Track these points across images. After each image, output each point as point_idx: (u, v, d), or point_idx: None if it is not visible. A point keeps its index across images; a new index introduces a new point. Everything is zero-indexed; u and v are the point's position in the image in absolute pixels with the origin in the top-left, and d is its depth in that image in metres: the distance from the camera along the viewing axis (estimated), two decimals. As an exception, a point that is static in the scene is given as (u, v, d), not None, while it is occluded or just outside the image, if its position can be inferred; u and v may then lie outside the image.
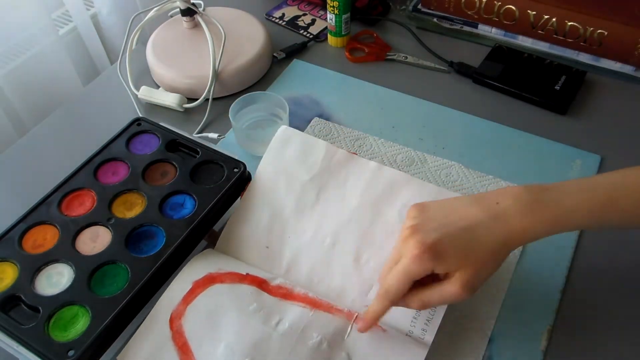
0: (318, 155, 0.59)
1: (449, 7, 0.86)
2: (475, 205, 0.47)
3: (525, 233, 0.46)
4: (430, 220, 0.46)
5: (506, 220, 0.45)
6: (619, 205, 0.47)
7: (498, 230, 0.45)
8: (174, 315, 0.50)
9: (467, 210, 0.47)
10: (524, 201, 0.46)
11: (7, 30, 0.88)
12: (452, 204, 0.48)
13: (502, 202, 0.46)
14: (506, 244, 0.46)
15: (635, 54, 0.75)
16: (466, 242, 0.45)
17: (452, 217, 0.46)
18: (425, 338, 0.49)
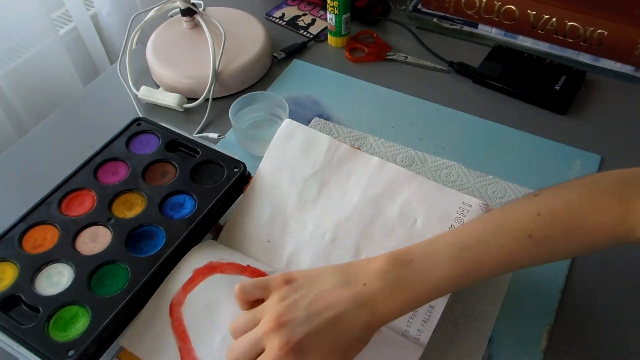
0: (321, 149, 0.59)
1: (449, 7, 0.86)
2: (343, 288, 0.45)
3: (389, 315, 0.45)
4: (297, 306, 0.44)
5: (372, 306, 0.44)
6: (483, 267, 0.46)
7: (364, 316, 0.44)
8: (174, 303, 0.51)
9: (336, 294, 0.45)
10: (389, 281, 0.45)
11: (7, 30, 0.88)
12: (322, 282, 0.46)
13: (369, 284, 0.45)
14: (369, 329, 0.45)
15: (635, 54, 0.75)
16: (332, 336, 0.43)
17: (320, 304, 0.44)
18: (421, 339, 0.49)
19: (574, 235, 0.46)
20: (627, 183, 0.47)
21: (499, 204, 0.64)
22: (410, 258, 0.46)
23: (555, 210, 0.47)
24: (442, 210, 0.55)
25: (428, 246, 0.47)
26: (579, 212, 0.46)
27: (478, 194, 0.65)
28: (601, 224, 0.46)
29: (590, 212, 0.46)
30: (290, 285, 0.46)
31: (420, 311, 0.51)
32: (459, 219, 0.54)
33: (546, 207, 0.47)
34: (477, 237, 0.47)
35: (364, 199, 0.57)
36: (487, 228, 0.47)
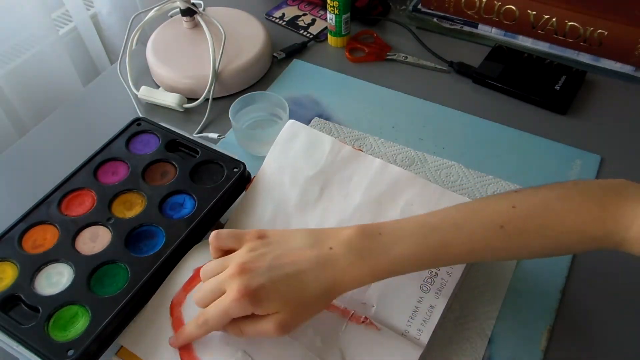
0: (324, 150, 0.60)
1: (449, 7, 0.86)
2: (310, 248, 0.47)
3: (350, 282, 0.46)
4: (262, 259, 0.46)
5: (334, 269, 0.46)
6: (450, 250, 0.47)
7: (324, 278, 0.45)
8: (175, 302, 0.51)
9: (301, 253, 0.47)
10: (354, 249, 0.46)
11: (7, 30, 0.88)
12: (292, 241, 0.48)
13: (335, 248, 0.46)
14: (329, 291, 0.46)
15: (635, 54, 0.75)
16: (289, 289, 0.45)
17: (283, 259, 0.46)
18: (421, 338, 0.50)
19: (548, 232, 0.46)
20: (609, 190, 0.47)
21: (499, 204, 0.64)
22: (379, 231, 0.47)
23: (531, 205, 0.47)
24: (442, 211, 0.55)
25: (398, 223, 0.48)
26: (556, 210, 0.46)
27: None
28: (578, 224, 0.46)
29: (568, 211, 0.46)
30: (262, 240, 0.48)
31: (420, 311, 0.51)
32: (459, 219, 0.54)
33: (523, 202, 0.47)
34: (449, 221, 0.47)
35: (366, 200, 0.57)
36: (461, 214, 0.48)
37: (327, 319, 0.50)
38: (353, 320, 0.50)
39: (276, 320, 0.45)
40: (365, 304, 0.52)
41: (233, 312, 0.45)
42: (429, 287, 0.52)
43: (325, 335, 0.49)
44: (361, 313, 0.51)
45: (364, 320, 0.50)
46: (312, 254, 0.46)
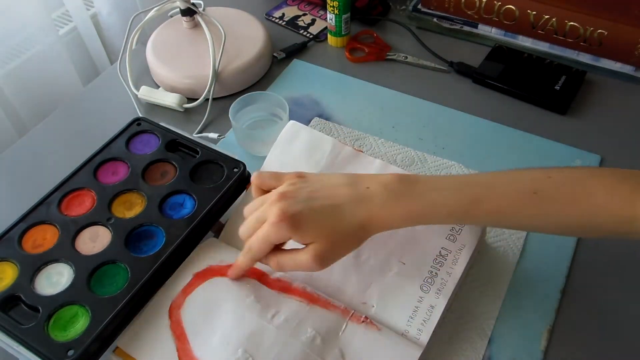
0: (324, 151, 0.60)
1: (449, 7, 0.86)
2: (348, 186, 0.49)
3: (384, 221, 0.48)
4: (301, 190, 0.49)
5: (369, 206, 0.48)
6: (481, 206, 0.48)
7: (359, 214, 0.47)
8: (173, 305, 0.51)
9: (339, 189, 0.49)
10: (391, 191, 0.48)
11: (7, 30, 0.88)
12: (329, 180, 0.50)
13: (372, 188, 0.49)
14: (364, 228, 0.48)
15: (635, 54, 0.75)
16: (326, 219, 0.47)
17: (322, 192, 0.49)
18: (420, 338, 0.50)
19: (578, 205, 0.47)
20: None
21: (499, 204, 0.64)
22: (416, 179, 0.49)
23: (566, 177, 0.48)
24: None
25: (436, 176, 0.49)
26: (589, 185, 0.47)
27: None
28: (608, 202, 0.46)
29: (601, 189, 0.47)
30: (301, 178, 0.51)
31: (420, 311, 0.51)
32: (459, 219, 0.54)
33: (558, 173, 0.49)
34: (484, 181, 0.50)
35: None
36: (496, 177, 0.50)
37: (327, 319, 0.50)
38: (353, 320, 0.50)
39: (313, 251, 0.47)
40: (365, 304, 0.52)
41: (273, 237, 0.47)
42: (429, 287, 0.52)
43: (325, 335, 0.49)
44: (361, 313, 0.51)
45: (364, 320, 0.50)
46: (349, 190, 0.49)
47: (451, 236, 0.54)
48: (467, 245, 0.53)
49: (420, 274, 0.53)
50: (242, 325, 0.49)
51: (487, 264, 0.59)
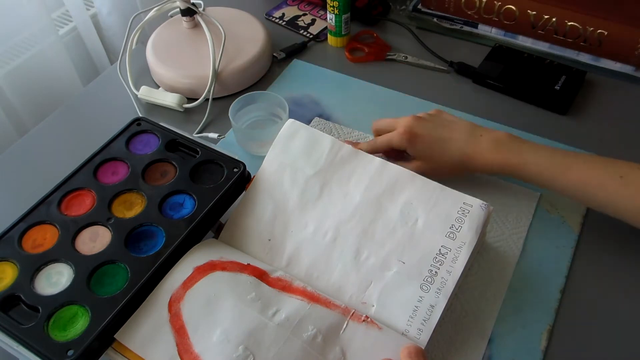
0: (323, 149, 0.60)
1: (449, 7, 0.86)
2: (466, 128, 0.61)
3: (481, 162, 0.59)
4: (431, 119, 0.62)
5: (473, 147, 0.59)
6: (569, 175, 0.56)
7: (464, 151, 0.59)
8: (173, 299, 0.51)
9: (459, 130, 0.61)
10: (496, 141, 0.59)
11: (7, 30, 0.89)
12: (456, 123, 0.62)
13: (484, 136, 0.59)
14: (463, 162, 0.60)
15: (635, 54, 0.75)
16: (437, 146, 0.60)
17: (446, 127, 0.61)
18: (421, 338, 0.50)
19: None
20: None
21: (499, 205, 0.64)
22: (522, 141, 0.59)
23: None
24: (443, 211, 0.55)
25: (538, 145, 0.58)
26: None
27: (479, 194, 0.65)
28: None
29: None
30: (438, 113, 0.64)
31: (420, 310, 0.51)
32: (460, 219, 0.54)
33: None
34: (577, 155, 0.57)
35: (366, 199, 0.57)
36: (590, 156, 0.58)
37: (328, 317, 0.50)
38: (354, 319, 0.50)
39: (417, 165, 0.61)
40: (365, 304, 0.52)
41: (394, 141, 0.62)
42: (429, 287, 0.52)
43: (326, 333, 0.49)
44: (361, 312, 0.51)
45: (365, 319, 0.50)
46: (465, 132, 0.60)
47: (451, 234, 0.54)
48: (467, 242, 0.53)
49: (420, 273, 0.53)
50: (243, 322, 0.49)
51: (487, 264, 0.59)
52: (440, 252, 0.53)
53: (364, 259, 0.54)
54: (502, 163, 0.58)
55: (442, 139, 0.60)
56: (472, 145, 0.59)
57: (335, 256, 0.55)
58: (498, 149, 0.58)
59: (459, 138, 0.60)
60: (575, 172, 0.56)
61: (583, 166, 0.56)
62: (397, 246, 0.54)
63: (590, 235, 0.61)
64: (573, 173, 0.56)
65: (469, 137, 0.60)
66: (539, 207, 0.64)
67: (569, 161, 0.56)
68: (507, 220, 0.63)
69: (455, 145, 0.60)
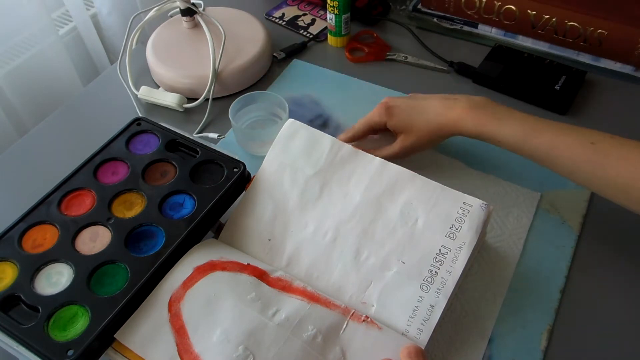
0: (323, 149, 0.60)
1: (449, 7, 0.86)
2: (442, 97, 0.62)
3: (459, 125, 0.59)
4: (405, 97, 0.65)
5: (450, 110, 0.60)
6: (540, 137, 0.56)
7: (441, 114, 0.61)
8: (173, 299, 0.51)
9: (434, 99, 0.62)
10: (472, 103, 0.60)
11: (7, 30, 0.89)
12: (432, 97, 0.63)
13: (459, 99, 0.61)
14: (441, 127, 0.61)
15: (635, 54, 0.75)
16: (415, 114, 0.62)
17: (420, 99, 0.63)
18: (420, 338, 0.50)
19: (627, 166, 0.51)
20: None
21: (499, 205, 0.64)
22: (497, 104, 0.59)
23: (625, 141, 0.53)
24: (443, 210, 0.55)
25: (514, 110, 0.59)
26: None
27: (479, 194, 0.65)
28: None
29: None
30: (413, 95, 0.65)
31: (420, 310, 0.51)
32: (460, 219, 0.54)
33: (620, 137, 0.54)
34: (550, 122, 0.57)
35: (366, 199, 0.57)
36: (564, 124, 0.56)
37: (328, 317, 0.50)
38: (354, 319, 0.50)
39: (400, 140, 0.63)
40: (365, 304, 0.52)
41: (373, 117, 0.64)
42: (429, 287, 0.52)
43: (326, 333, 0.49)
44: (361, 312, 0.51)
45: (365, 319, 0.50)
46: (442, 99, 0.62)
47: (451, 234, 0.54)
48: (467, 242, 0.53)
49: (420, 273, 0.53)
50: (243, 322, 0.49)
51: (487, 264, 0.59)
52: (440, 252, 0.53)
53: (364, 259, 0.54)
54: (477, 124, 0.58)
55: (419, 106, 0.62)
56: (447, 108, 0.60)
57: (335, 256, 0.55)
58: (474, 110, 0.59)
59: (435, 104, 0.61)
60: (546, 136, 0.55)
61: (555, 131, 0.55)
62: (397, 246, 0.54)
63: (590, 235, 0.61)
64: (544, 136, 0.55)
65: (445, 101, 0.61)
66: (539, 207, 0.64)
67: (541, 126, 0.56)
68: (507, 220, 0.63)
69: (433, 110, 0.61)
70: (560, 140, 0.55)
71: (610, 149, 0.53)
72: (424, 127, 0.62)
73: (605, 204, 0.64)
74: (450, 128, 0.60)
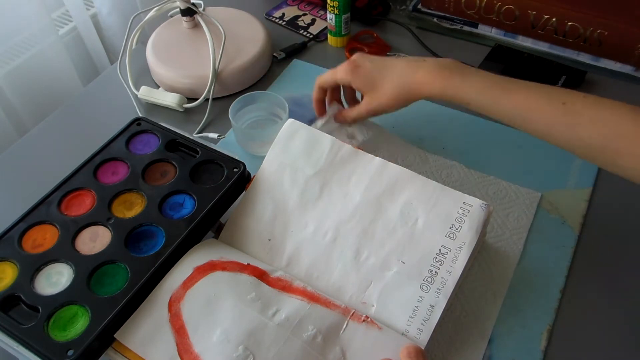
0: (323, 149, 0.60)
1: (449, 7, 0.86)
2: (409, 59, 0.60)
3: (426, 86, 0.57)
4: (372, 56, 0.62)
5: (416, 70, 0.58)
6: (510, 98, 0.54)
7: (407, 74, 0.58)
8: (173, 299, 0.51)
9: (401, 60, 0.61)
10: (439, 64, 0.58)
11: (7, 30, 0.89)
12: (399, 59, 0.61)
13: (427, 60, 0.59)
14: (409, 89, 0.58)
15: (635, 54, 0.75)
16: (382, 73, 0.60)
17: (387, 59, 0.61)
18: (420, 338, 0.50)
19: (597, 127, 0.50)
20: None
21: (499, 204, 0.64)
22: (466, 65, 0.58)
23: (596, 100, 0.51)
24: (443, 210, 0.55)
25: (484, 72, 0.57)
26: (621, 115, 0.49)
27: (479, 194, 0.65)
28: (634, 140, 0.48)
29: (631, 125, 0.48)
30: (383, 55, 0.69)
31: (420, 310, 0.51)
32: (460, 219, 0.54)
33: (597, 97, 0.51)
34: (520, 82, 0.55)
35: (366, 199, 0.57)
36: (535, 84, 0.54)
37: (328, 317, 0.50)
38: (354, 319, 0.50)
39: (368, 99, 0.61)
40: (365, 304, 0.52)
41: (338, 74, 0.62)
42: (429, 287, 0.52)
43: (326, 333, 0.49)
44: (361, 312, 0.51)
45: (365, 319, 0.50)
46: (408, 60, 0.60)
47: (451, 234, 0.54)
48: (467, 242, 0.53)
49: (420, 273, 0.52)
50: (243, 322, 0.49)
51: (487, 264, 0.59)
52: (440, 252, 0.53)
53: (364, 259, 0.54)
54: (443, 85, 0.56)
55: (385, 67, 0.60)
56: (413, 68, 0.58)
57: (335, 256, 0.55)
58: (440, 71, 0.57)
59: (401, 65, 0.59)
60: (515, 96, 0.53)
61: (525, 91, 0.53)
62: (397, 246, 0.54)
63: (590, 235, 0.61)
64: (513, 97, 0.53)
65: (412, 62, 0.59)
66: (539, 207, 0.64)
67: (511, 86, 0.54)
68: (507, 220, 0.63)
69: (398, 71, 0.59)
70: (531, 101, 0.53)
71: (582, 109, 0.51)
72: (389, 88, 0.59)
73: (605, 204, 0.64)
74: (416, 90, 0.58)
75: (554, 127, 0.52)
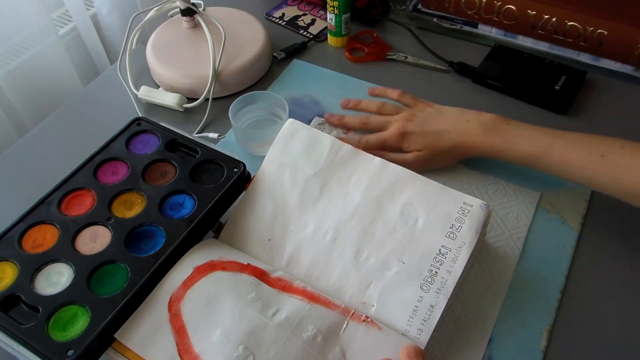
0: (323, 149, 0.60)
1: (449, 7, 0.86)
2: (454, 118, 0.65)
3: (472, 148, 0.63)
4: (422, 116, 0.66)
5: (463, 134, 0.63)
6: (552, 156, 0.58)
7: (455, 138, 0.63)
8: (173, 299, 0.51)
9: (447, 120, 0.65)
10: (483, 125, 0.62)
11: (7, 30, 0.88)
12: (444, 112, 0.66)
13: (471, 120, 0.63)
14: (456, 147, 0.64)
15: (635, 54, 0.75)
16: (430, 138, 0.65)
17: (435, 122, 0.65)
18: (421, 338, 0.50)
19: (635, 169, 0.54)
20: None
21: (499, 205, 0.64)
22: (508, 122, 0.62)
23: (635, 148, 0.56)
24: (443, 211, 0.55)
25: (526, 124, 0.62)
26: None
27: (479, 194, 0.65)
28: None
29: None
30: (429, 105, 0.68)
31: (420, 310, 0.51)
32: (460, 219, 0.54)
33: (630, 144, 0.56)
34: (560, 136, 0.59)
35: (366, 199, 0.57)
36: (575, 135, 0.59)
37: (328, 317, 0.50)
38: (354, 319, 0.50)
39: (415, 154, 0.65)
40: (365, 304, 0.52)
41: (389, 141, 0.66)
42: (429, 287, 0.52)
43: (326, 333, 0.49)
44: (361, 312, 0.51)
45: (365, 319, 0.50)
46: (455, 122, 0.64)
47: (451, 234, 0.54)
48: (467, 242, 0.53)
49: (420, 273, 0.53)
50: (243, 322, 0.49)
51: (487, 264, 0.59)
52: (440, 252, 0.53)
53: (364, 259, 0.54)
54: (490, 147, 0.61)
55: (434, 132, 0.64)
56: (460, 132, 0.63)
57: (335, 256, 0.55)
58: (485, 132, 0.62)
59: (449, 129, 0.64)
60: (556, 153, 0.58)
61: (564, 146, 0.58)
62: (397, 246, 0.54)
63: (590, 235, 0.61)
64: (554, 154, 0.58)
65: (458, 125, 0.64)
66: (539, 207, 0.64)
67: (550, 141, 0.59)
68: (507, 220, 0.63)
69: (447, 136, 0.64)
70: (570, 157, 0.57)
71: (621, 159, 0.55)
72: (440, 150, 0.64)
73: (605, 204, 0.64)
74: (466, 152, 0.64)
75: (597, 178, 0.57)
